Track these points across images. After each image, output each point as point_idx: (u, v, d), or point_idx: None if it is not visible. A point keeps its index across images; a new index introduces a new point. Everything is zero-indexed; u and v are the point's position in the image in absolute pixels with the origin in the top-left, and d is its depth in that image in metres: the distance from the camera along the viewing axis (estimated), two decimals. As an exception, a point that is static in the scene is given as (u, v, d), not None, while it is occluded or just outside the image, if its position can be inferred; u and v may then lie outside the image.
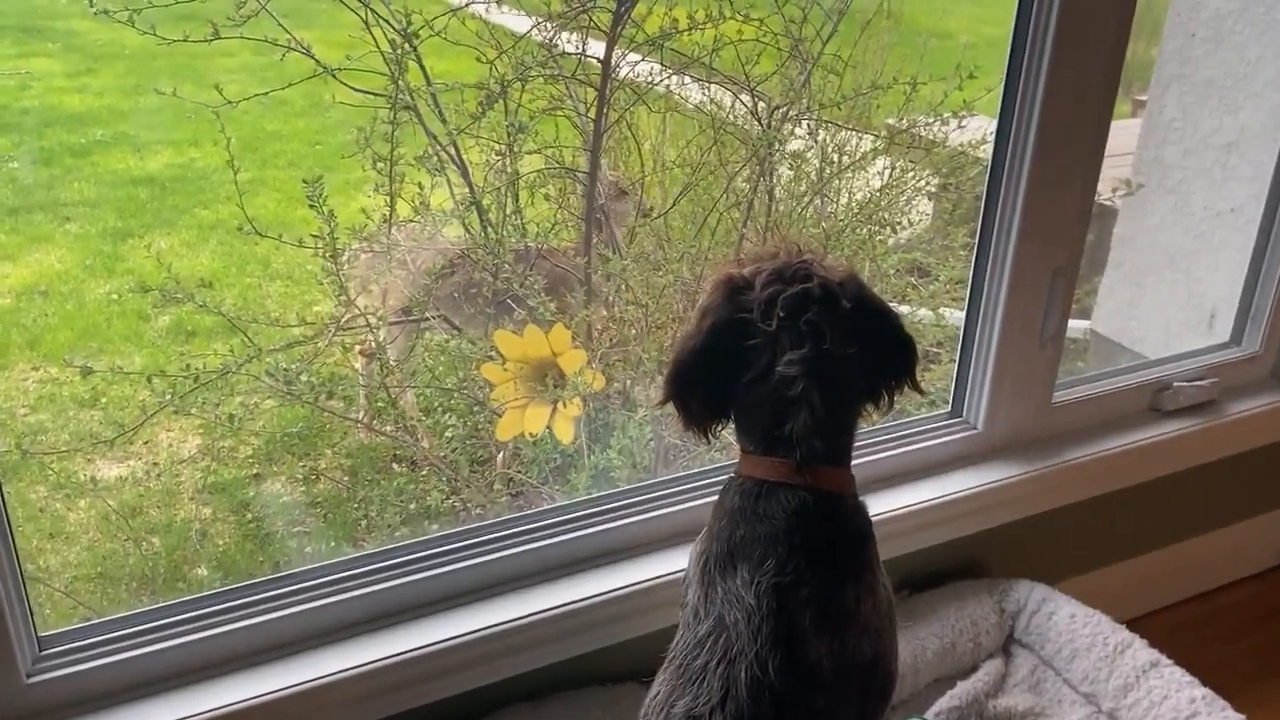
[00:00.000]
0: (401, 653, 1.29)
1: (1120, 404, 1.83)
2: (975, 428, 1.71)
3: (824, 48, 2.31)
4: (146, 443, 2.77)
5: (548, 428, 1.91)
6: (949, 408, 1.74)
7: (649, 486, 1.54)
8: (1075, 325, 2.58)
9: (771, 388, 1.09)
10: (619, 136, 2.45)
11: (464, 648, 1.32)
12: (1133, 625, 1.61)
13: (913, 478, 1.65)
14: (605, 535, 1.47)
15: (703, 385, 1.15)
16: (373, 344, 2.65)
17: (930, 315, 2.71)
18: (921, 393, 1.21)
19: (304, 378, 2.25)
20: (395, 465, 2.70)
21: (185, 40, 2.18)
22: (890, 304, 1.23)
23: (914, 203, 2.58)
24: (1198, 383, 1.86)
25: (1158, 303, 2.39)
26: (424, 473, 2.76)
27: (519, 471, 2.29)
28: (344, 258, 2.23)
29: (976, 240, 1.61)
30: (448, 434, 2.74)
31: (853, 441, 1.16)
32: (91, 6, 2.09)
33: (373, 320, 2.58)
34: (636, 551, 1.48)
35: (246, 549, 2.58)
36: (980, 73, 2.17)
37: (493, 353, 2.00)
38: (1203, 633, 2.04)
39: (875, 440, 1.67)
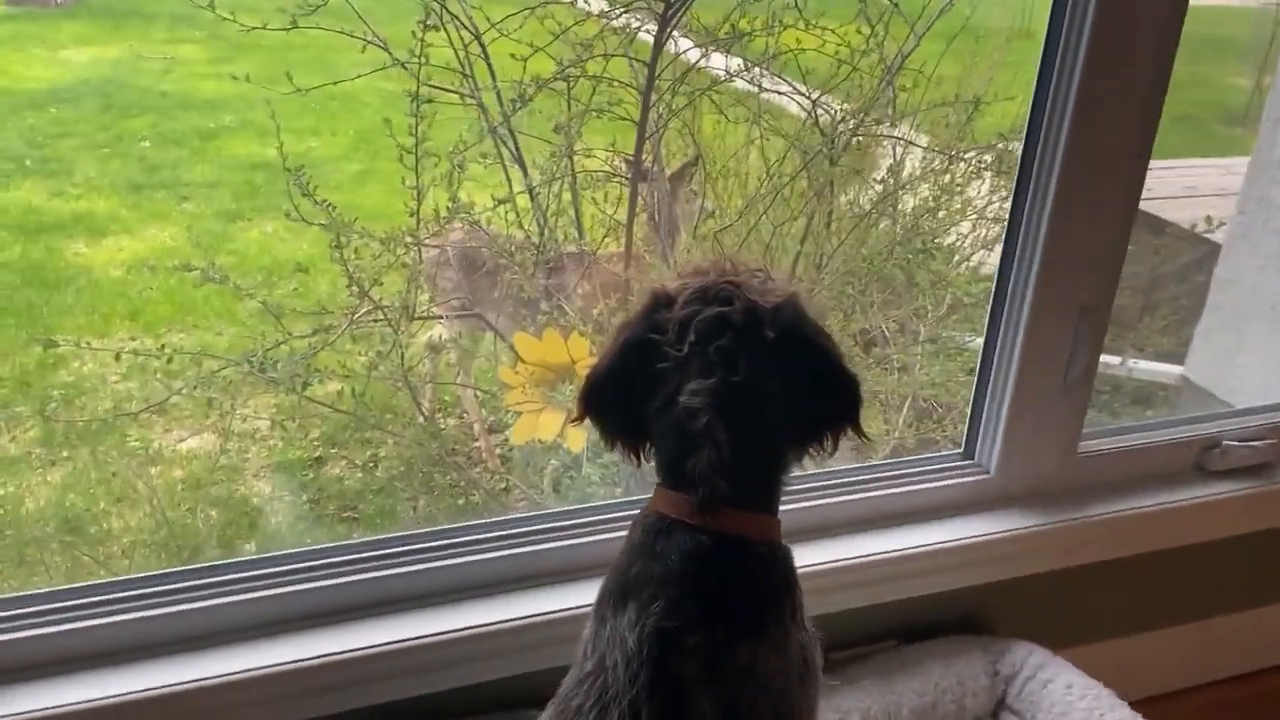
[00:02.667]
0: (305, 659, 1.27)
1: (1161, 460, 1.66)
2: (988, 472, 1.58)
3: (902, 61, 2.22)
4: (223, 416, 2.87)
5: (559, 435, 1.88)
6: (961, 448, 1.61)
7: (601, 508, 1.47)
8: (1165, 370, 2.39)
9: (675, 418, 1.00)
10: (682, 141, 2.41)
11: (385, 658, 1.29)
12: (1151, 705, 1.46)
13: (914, 520, 1.54)
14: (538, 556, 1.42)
15: (616, 405, 1.07)
16: (439, 337, 2.69)
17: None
18: (865, 438, 1.09)
19: (362, 360, 2.29)
20: (450, 458, 2.71)
21: (264, 28, 2.26)
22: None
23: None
24: (1251, 443, 1.67)
25: (1258, 352, 2.18)
26: (477, 470, 2.77)
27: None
28: (413, 253, 2.26)
29: (997, 268, 1.49)
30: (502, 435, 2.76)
31: (777, 484, 1.05)
32: (174, -7, 2.17)
33: (439, 311, 2.61)
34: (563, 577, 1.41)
35: (297, 529, 2.64)
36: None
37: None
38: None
39: (878, 477, 1.56)
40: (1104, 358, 2.41)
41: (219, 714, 1.25)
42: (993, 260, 2.24)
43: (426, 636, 1.31)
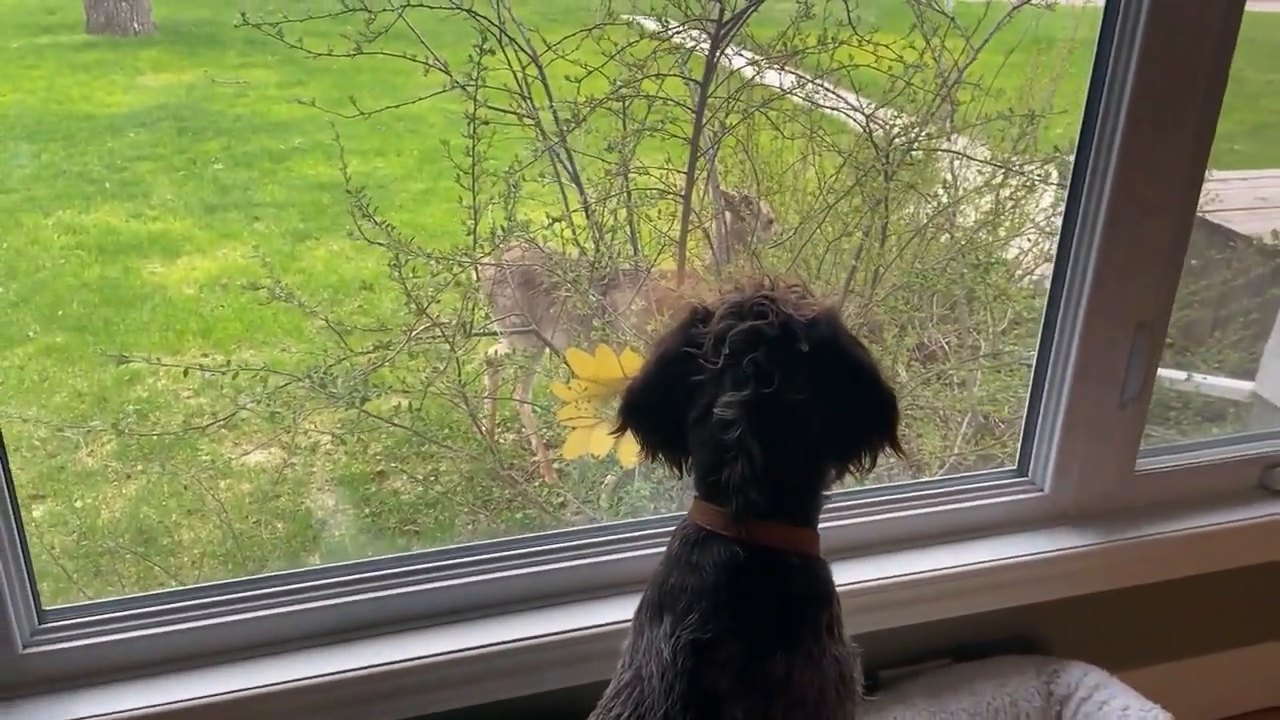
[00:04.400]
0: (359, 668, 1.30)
1: (1224, 478, 1.62)
2: (1041, 490, 1.56)
3: (960, 75, 2.20)
4: (288, 431, 2.93)
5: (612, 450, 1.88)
6: (1015, 465, 1.59)
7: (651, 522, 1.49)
8: (1236, 386, 2.34)
9: (710, 430, 1.00)
10: (738, 158, 2.42)
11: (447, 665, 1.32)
12: (1211, 728, 1.43)
13: (966, 537, 1.52)
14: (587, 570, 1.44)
15: (654, 418, 1.09)
16: (497, 353, 2.72)
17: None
18: (902, 454, 1.09)
19: (420, 376, 2.33)
20: (507, 472, 2.73)
21: (330, 54, 2.32)
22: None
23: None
24: None
25: (1331, 368, 2.13)
26: (536, 484, 2.79)
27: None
28: (469, 271, 2.30)
29: (1050, 282, 1.47)
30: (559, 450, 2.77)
31: (814, 498, 1.06)
32: (244, 21, 2.25)
33: (497, 327, 2.64)
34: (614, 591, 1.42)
35: (359, 541, 2.69)
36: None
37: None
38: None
39: (930, 493, 1.55)
40: (1171, 374, 2.37)
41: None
42: (1053, 274, 2.21)
43: (483, 646, 1.34)
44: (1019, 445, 1.57)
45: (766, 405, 0.99)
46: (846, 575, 1.44)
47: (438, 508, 2.73)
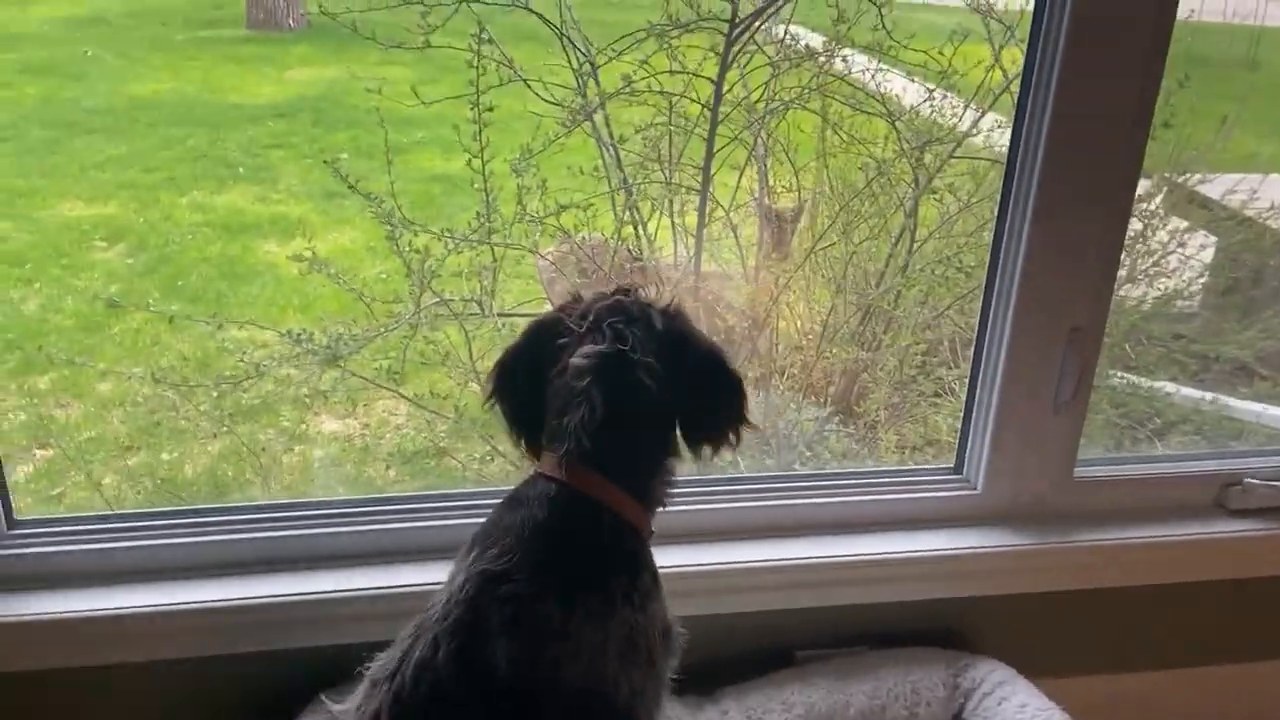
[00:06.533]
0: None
1: (1176, 493, 1.55)
2: (974, 488, 1.53)
3: (1009, 84, 2.18)
4: (365, 406, 3.11)
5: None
6: (953, 462, 1.56)
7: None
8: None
9: (565, 381, 1.07)
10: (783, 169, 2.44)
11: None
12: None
13: (896, 527, 1.51)
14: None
15: (518, 384, 1.15)
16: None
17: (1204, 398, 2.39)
18: (752, 427, 1.13)
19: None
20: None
21: (400, 46, 2.49)
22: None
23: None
24: (1274, 483, 1.53)
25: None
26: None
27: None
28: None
29: (984, 282, 1.44)
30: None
31: (650, 470, 1.11)
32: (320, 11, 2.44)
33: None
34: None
35: (409, 511, 2.82)
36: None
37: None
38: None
39: (866, 482, 1.55)
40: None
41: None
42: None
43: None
44: (956, 442, 1.55)
45: (617, 363, 1.06)
46: (774, 554, 1.46)
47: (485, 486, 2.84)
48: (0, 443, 2.79)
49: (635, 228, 2.38)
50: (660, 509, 1.13)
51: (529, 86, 2.48)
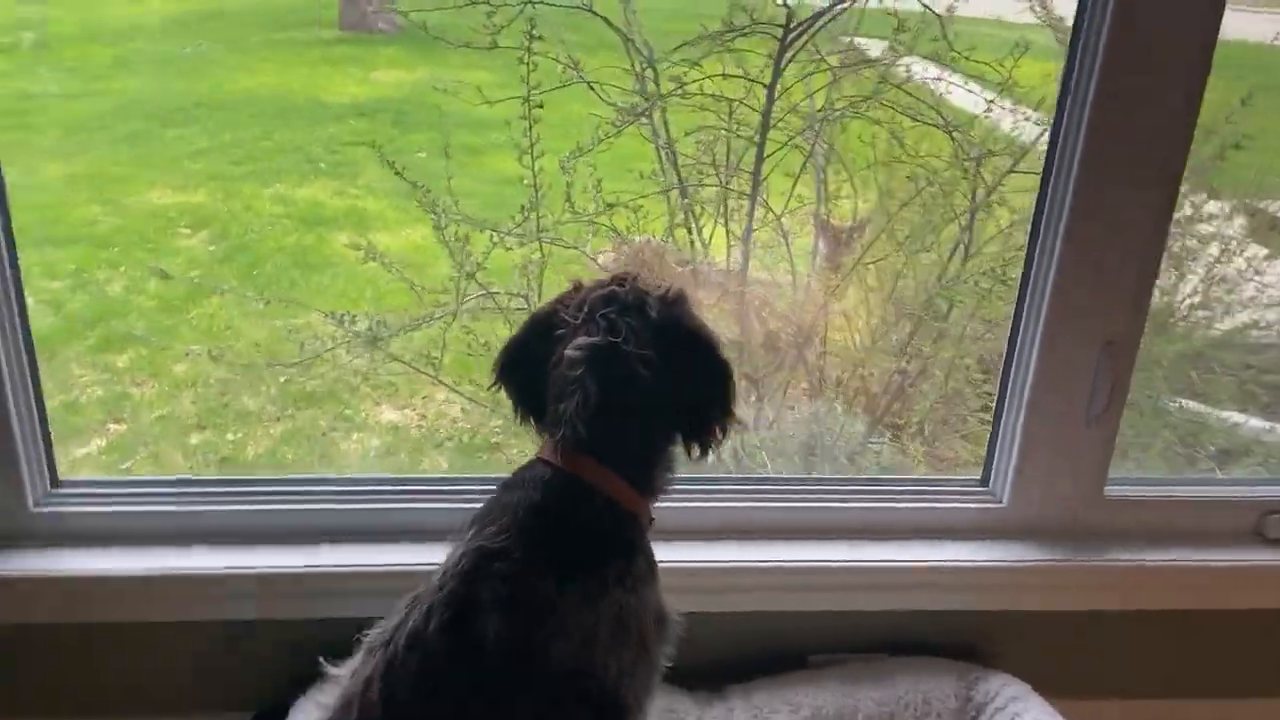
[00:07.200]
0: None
1: (1215, 518, 1.51)
2: (1000, 501, 1.51)
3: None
4: (425, 398, 3.17)
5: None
6: (980, 474, 1.55)
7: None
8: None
9: (561, 370, 1.10)
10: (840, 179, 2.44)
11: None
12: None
13: (918, 536, 1.51)
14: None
15: (521, 374, 1.19)
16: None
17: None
18: (737, 420, 1.15)
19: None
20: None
21: (468, 46, 2.56)
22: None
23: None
24: None
25: None
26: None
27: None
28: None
29: (1016, 294, 1.43)
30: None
31: (647, 457, 1.13)
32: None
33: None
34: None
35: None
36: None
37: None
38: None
39: (891, 490, 1.55)
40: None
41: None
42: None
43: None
44: (985, 454, 1.54)
45: (610, 353, 1.09)
46: (793, 554, 1.47)
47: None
48: (76, 415, 2.91)
49: (689, 231, 2.39)
50: (661, 495, 1.15)
51: (591, 88, 2.52)
